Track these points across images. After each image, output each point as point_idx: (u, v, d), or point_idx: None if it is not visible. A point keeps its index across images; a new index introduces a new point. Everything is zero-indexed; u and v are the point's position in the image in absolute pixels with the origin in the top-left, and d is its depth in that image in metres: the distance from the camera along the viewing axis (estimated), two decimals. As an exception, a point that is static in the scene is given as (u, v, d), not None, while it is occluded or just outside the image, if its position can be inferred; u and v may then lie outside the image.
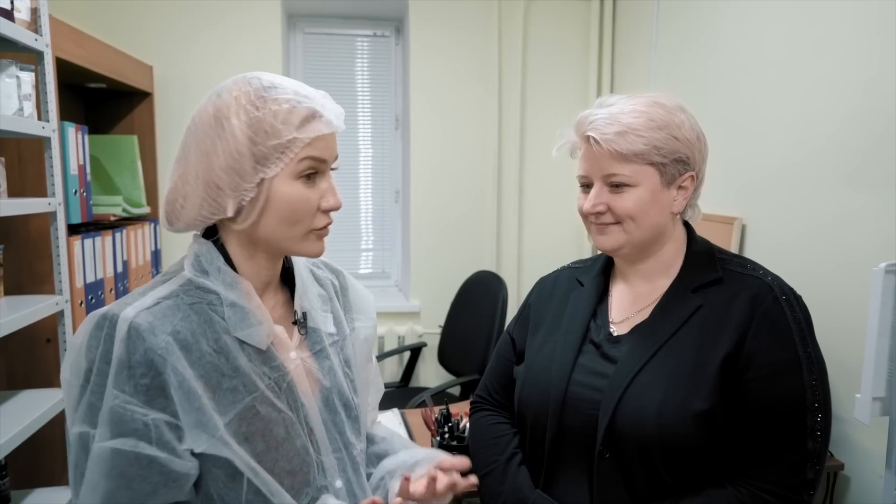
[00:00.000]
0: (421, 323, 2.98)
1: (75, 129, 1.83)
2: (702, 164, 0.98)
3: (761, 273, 0.96)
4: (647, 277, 1.01)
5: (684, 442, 0.87)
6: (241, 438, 0.75)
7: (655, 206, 0.94)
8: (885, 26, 1.45)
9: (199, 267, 0.79)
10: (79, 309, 1.81)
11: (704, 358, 0.90)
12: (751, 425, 0.88)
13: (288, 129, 0.74)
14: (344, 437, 0.86)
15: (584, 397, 0.96)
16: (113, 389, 0.69)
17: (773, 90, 1.86)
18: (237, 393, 0.76)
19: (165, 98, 2.63)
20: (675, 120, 0.94)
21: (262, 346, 0.79)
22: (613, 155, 0.92)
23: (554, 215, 3.04)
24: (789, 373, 0.88)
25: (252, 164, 0.74)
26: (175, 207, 0.78)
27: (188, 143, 0.77)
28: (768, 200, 1.89)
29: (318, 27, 3.05)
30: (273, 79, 0.77)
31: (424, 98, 2.91)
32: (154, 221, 2.48)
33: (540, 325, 1.10)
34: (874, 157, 1.48)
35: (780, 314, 0.90)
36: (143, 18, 2.64)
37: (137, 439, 0.69)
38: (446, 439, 1.45)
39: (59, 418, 1.60)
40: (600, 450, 0.92)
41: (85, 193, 1.89)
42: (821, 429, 0.87)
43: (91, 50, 1.96)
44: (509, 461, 1.04)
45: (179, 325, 0.74)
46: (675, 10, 2.44)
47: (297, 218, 0.77)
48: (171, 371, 0.71)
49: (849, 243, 1.56)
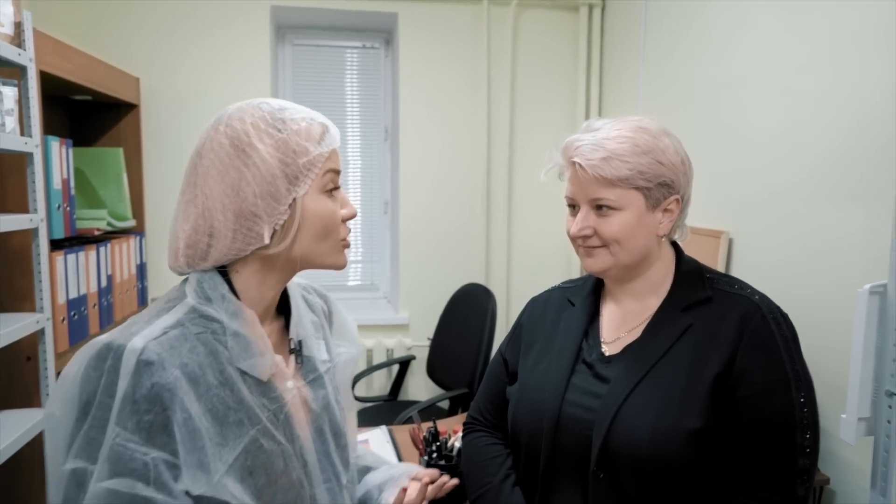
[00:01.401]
0: (410, 335, 2.97)
1: (59, 143, 1.81)
2: (686, 186, 1.00)
3: (749, 292, 0.98)
4: (637, 297, 1.03)
5: (678, 460, 0.88)
6: (246, 472, 0.73)
7: (641, 230, 0.96)
8: (873, 42, 1.47)
9: (202, 294, 0.77)
10: (61, 326, 1.78)
11: (696, 376, 0.91)
12: (742, 443, 0.90)
13: (313, 146, 0.77)
14: (335, 468, 0.85)
15: (578, 417, 0.96)
16: (115, 426, 0.67)
17: (760, 104, 1.88)
18: (242, 426, 0.74)
19: (152, 110, 2.61)
20: (660, 145, 0.95)
21: (264, 377, 0.78)
22: (599, 180, 0.94)
23: (543, 227, 3.04)
24: (778, 390, 0.89)
25: (286, 185, 0.75)
26: (199, 249, 0.76)
27: (201, 179, 0.76)
28: (755, 215, 1.89)
29: (307, 39, 3.04)
30: (280, 102, 0.80)
31: (414, 109, 2.91)
32: (139, 234, 2.46)
33: (532, 346, 1.11)
34: (862, 174, 1.48)
35: (769, 332, 0.92)
36: (129, 30, 2.62)
37: (135, 480, 0.67)
38: (434, 458, 1.43)
39: (39, 439, 1.57)
40: (594, 470, 0.92)
41: (68, 208, 1.86)
42: (810, 445, 0.89)
43: (76, 62, 1.94)
44: (503, 482, 1.05)
45: (187, 357, 0.72)
46: (663, 23, 2.45)
47: (329, 231, 0.80)
48: (179, 407, 0.70)
49: (835, 260, 1.56)
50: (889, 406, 0.98)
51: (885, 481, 0.98)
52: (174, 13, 2.66)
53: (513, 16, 2.90)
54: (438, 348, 2.82)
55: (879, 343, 1.00)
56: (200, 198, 0.76)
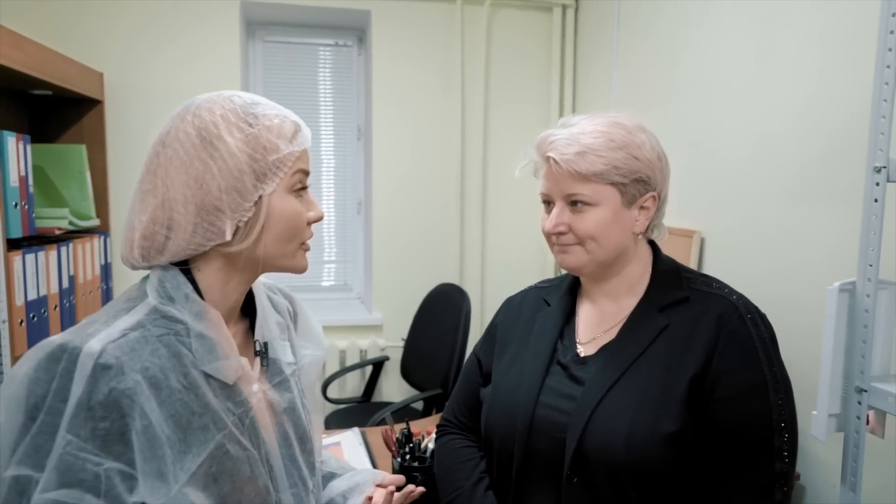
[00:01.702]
0: (383, 336, 2.94)
1: (16, 139, 1.74)
2: (663, 184, 0.99)
3: (726, 292, 0.96)
4: (613, 297, 1.01)
5: (654, 465, 0.86)
6: (210, 480, 0.70)
7: (617, 226, 0.95)
8: (840, 47, 1.49)
9: (164, 294, 0.73)
10: (19, 329, 1.71)
11: (673, 378, 0.89)
12: (718, 446, 0.88)
13: (284, 144, 0.74)
14: (300, 472, 0.82)
15: (552, 420, 0.94)
16: (66, 434, 0.63)
17: (731, 105, 1.89)
18: (208, 431, 0.71)
19: (117, 106, 2.54)
20: (636, 140, 0.94)
21: (230, 380, 0.75)
22: (573, 175, 0.93)
23: (518, 226, 3.03)
24: (756, 393, 0.88)
25: (253, 181, 0.72)
26: (156, 241, 0.73)
27: (162, 168, 0.72)
28: (727, 214, 1.91)
29: (278, 35, 2.99)
30: (251, 96, 0.77)
31: (387, 108, 2.88)
32: (104, 234, 2.38)
33: (507, 346, 1.09)
34: (829, 174, 1.50)
35: (746, 333, 0.91)
36: (92, 23, 2.54)
37: (84, 491, 0.63)
38: (407, 460, 1.41)
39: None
40: (568, 474, 0.90)
41: (27, 206, 1.79)
42: (788, 449, 0.87)
43: (33, 55, 1.87)
44: (475, 486, 1.02)
45: (149, 360, 0.69)
46: (635, 23, 2.47)
47: (294, 233, 0.77)
48: (138, 414, 0.66)
49: (804, 259, 1.58)
50: (858, 402, 0.98)
51: (855, 476, 0.99)
52: (140, 6, 2.59)
53: (486, 15, 2.90)
54: (412, 349, 2.80)
55: (849, 340, 1.01)
56: (161, 188, 0.72)
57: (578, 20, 2.97)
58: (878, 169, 0.93)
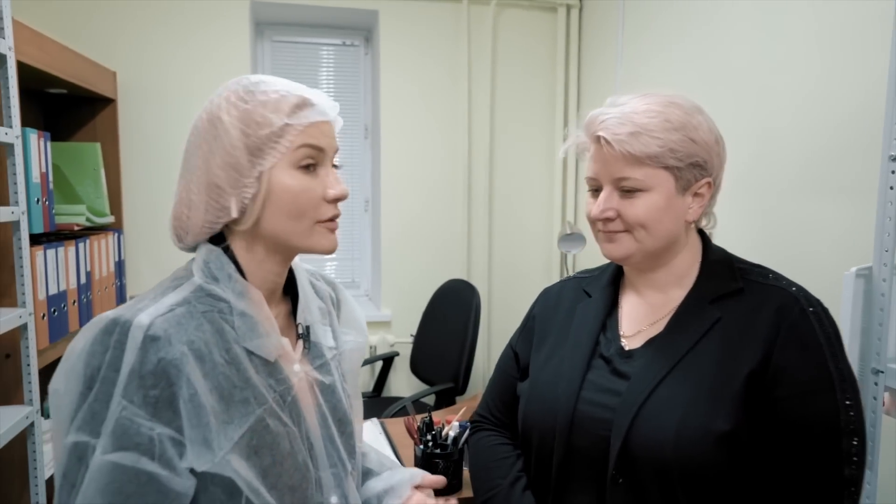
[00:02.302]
0: (392, 332, 2.96)
1: (37, 136, 1.77)
2: (720, 169, 0.92)
3: (785, 283, 0.89)
4: (660, 288, 0.95)
5: (706, 466, 0.80)
6: (252, 451, 0.73)
7: (669, 214, 0.88)
8: (844, 42, 1.53)
9: (209, 274, 0.77)
10: (41, 322, 1.73)
11: (727, 374, 0.83)
12: (780, 448, 0.81)
13: (279, 117, 0.74)
14: (339, 453, 0.85)
15: (595, 417, 0.89)
16: (122, 399, 0.67)
17: (736, 102, 1.93)
18: (248, 405, 0.74)
19: (129, 105, 2.56)
20: (693, 121, 0.87)
21: (271, 357, 0.77)
22: (626, 157, 0.86)
23: (524, 221, 3.07)
24: (821, 391, 0.81)
25: (247, 157, 0.73)
26: (182, 221, 0.77)
27: (188, 155, 0.77)
28: (734, 208, 1.95)
29: (286, 35, 3.02)
30: (262, 77, 0.78)
31: (394, 107, 2.91)
32: (118, 231, 2.40)
33: (545, 339, 1.03)
34: (834, 167, 1.55)
35: (809, 327, 0.83)
36: (106, 23, 2.57)
37: (140, 454, 0.67)
38: (430, 447, 1.44)
39: (19, 438, 1.53)
40: (613, 474, 0.85)
41: (47, 202, 1.82)
42: (857, 453, 0.80)
43: (53, 54, 1.89)
44: (513, 485, 0.97)
45: (194, 334, 0.72)
46: (640, 23, 2.51)
47: (301, 209, 0.76)
48: (185, 383, 0.69)
49: (809, 250, 1.62)
50: (875, 383, 1.02)
51: (872, 456, 1.03)
52: (153, 6, 2.61)
53: (492, 15, 2.93)
54: (421, 344, 2.83)
55: (865, 323, 1.04)
56: (184, 172, 0.77)
57: (583, 20, 3.01)
58: (894, 157, 0.97)
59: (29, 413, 1.53)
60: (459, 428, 1.46)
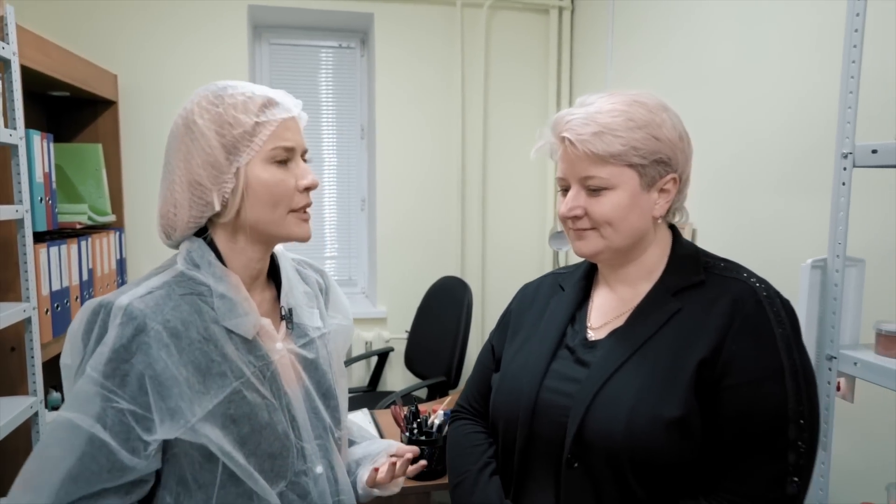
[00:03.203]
0: (388, 328, 3.03)
1: (40, 137, 1.83)
2: (685, 165, 0.94)
3: (745, 276, 0.92)
4: (630, 283, 0.97)
5: (656, 452, 0.82)
6: (229, 420, 0.80)
7: (635, 211, 0.90)
8: (815, 48, 1.59)
9: (191, 261, 0.84)
10: (45, 317, 1.80)
11: (680, 362, 0.85)
12: (727, 435, 0.83)
13: (248, 117, 0.81)
14: (324, 424, 0.91)
15: (555, 404, 0.91)
16: (91, 371, 0.75)
17: (718, 103, 1.99)
18: (225, 377, 0.81)
19: (130, 107, 2.63)
20: (656, 119, 0.90)
21: (249, 335, 0.84)
22: (590, 157, 0.88)
23: (517, 220, 3.13)
24: (769, 380, 0.83)
25: (224, 155, 0.81)
26: (169, 219, 0.85)
27: (168, 157, 0.84)
28: (715, 204, 2.01)
29: (283, 38, 3.08)
30: (228, 82, 0.85)
31: (389, 108, 2.97)
32: (119, 230, 2.47)
33: (518, 332, 1.06)
34: (807, 166, 1.61)
35: (763, 318, 0.85)
36: (107, 26, 2.63)
37: (95, 421, 0.75)
38: (415, 434, 1.50)
39: (24, 427, 1.59)
40: (568, 458, 0.88)
41: (50, 201, 1.88)
42: (804, 441, 0.81)
43: (55, 58, 1.96)
44: (481, 471, 1.00)
45: (170, 314, 0.80)
46: (629, 25, 2.57)
47: (277, 199, 0.84)
48: (156, 359, 0.77)
49: (784, 243, 1.69)
50: (829, 369, 1.08)
51: (827, 437, 1.08)
52: (152, 10, 2.68)
53: (485, 17, 2.99)
54: (416, 340, 2.89)
55: (821, 312, 1.10)
56: (167, 174, 0.84)
57: (574, 21, 3.07)
58: (845, 155, 1.03)
59: (33, 403, 1.60)
60: (444, 416, 1.52)
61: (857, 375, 1.03)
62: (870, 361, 1.00)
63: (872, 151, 0.98)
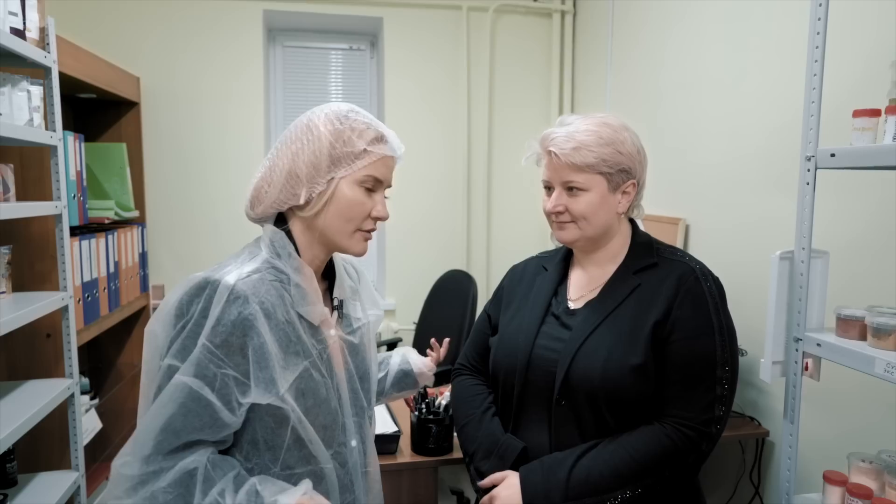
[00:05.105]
0: (396, 320, 3.15)
1: (73, 138, 1.97)
2: (642, 172, 1.20)
3: (688, 259, 1.19)
4: (599, 264, 1.23)
5: (624, 389, 1.09)
6: (300, 393, 0.93)
7: (604, 208, 1.16)
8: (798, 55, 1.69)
9: (273, 251, 0.97)
10: (77, 306, 1.93)
11: (640, 324, 1.11)
12: (673, 375, 1.10)
13: (361, 143, 0.95)
14: (360, 403, 1.05)
15: (546, 357, 1.17)
16: (205, 340, 0.87)
17: (710, 106, 2.10)
18: (299, 356, 0.94)
19: (151, 107, 2.76)
20: (620, 137, 1.15)
21: (315, 321, 0.98)
22: (570, 166, 1.14)
23: (520, 215, 3.25)
24: (704, 335, 1.10)
25: (328, 162, 0.94)
26: (260, 193, 0.97)
27: (279, 145, 0.98)
28: (706, 202, 2.12)
29: (296, 41, 3.21)
30: (353, 106, 0.99)
31: (398, 107, 3.09)
32: (141, 225, 2.60)
33: (511, 303, 1.32)
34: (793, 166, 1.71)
35: (700, 290, 1.12)
36: (130, 32, 2.77)
37: (205, 384, 0.87)
38: (423, 413, 1.62)
39: (61, 408, 1.71)
40: (557, 397, 1.13)
41: (81, 198, 2.02)
42: (728, 379, 1.10)
43: (85, 62, 2.09)
44: (484, 413, 1.26)
45: (264, 296, 0.92)
46: (627, 30, 2.67)
47: (352, 216, 0.96)
48: (255, 334, 0.89)
49: (770, 239, 1.79)
50: (796, 350, 1.19)
51: (794, 411, 1.20)
52: (173, 16, 2.81)
53: (490, 21, 3.10)
54: (424, 331, 3.01)
55: (789, 299, 1.21)
56: (275, 158, 0.97)
57: (576, 26, 3.17)
58: (809, 157, 1.14)
59: (70, 385, 1.73)
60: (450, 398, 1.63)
61: (820, 356, 1.15)
62: (831, 343, 1.12)
63: (831, 155, 1.10)
